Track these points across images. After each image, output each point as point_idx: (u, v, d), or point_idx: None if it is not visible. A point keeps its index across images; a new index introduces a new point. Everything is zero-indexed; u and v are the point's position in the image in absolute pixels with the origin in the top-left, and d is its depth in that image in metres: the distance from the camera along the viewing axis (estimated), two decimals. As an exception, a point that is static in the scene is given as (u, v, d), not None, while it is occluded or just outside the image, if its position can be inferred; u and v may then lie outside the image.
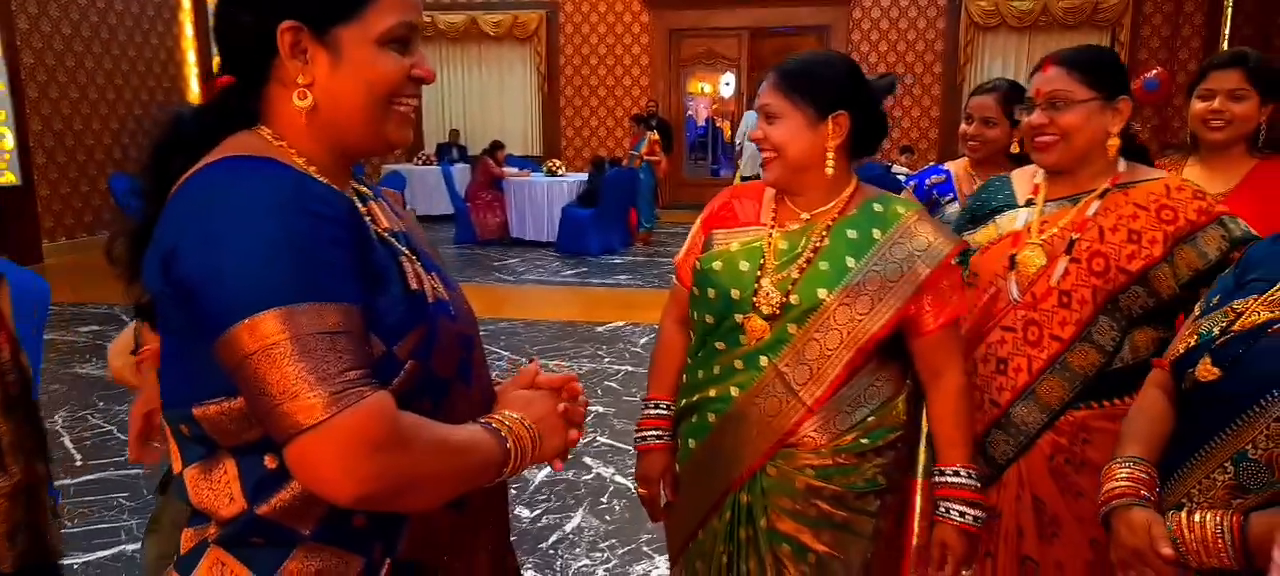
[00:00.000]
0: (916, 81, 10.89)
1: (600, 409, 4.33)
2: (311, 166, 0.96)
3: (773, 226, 1.60)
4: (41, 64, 8.19)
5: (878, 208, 1.57)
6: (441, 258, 1.13)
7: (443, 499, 0.95)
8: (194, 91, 9.33)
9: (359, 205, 1.00)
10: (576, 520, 3.19)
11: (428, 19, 11.54)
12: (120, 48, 8.82)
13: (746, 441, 1.59)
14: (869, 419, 1.56)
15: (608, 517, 3.22)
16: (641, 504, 1.80)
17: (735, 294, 1.57)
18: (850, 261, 1.53)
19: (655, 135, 9.29)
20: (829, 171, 1.54)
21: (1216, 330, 1.27)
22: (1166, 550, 1.17)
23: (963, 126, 2.60)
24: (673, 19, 11.29)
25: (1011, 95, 2.56)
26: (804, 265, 1.55)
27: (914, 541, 1.71)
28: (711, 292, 1.60)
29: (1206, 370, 1.24)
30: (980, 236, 1.77)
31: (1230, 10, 9.18)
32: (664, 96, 11.44)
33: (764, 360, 1.56)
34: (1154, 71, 9.13)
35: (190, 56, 9.39)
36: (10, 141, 7.82)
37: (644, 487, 1.76)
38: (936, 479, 1.57)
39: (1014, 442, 1.64)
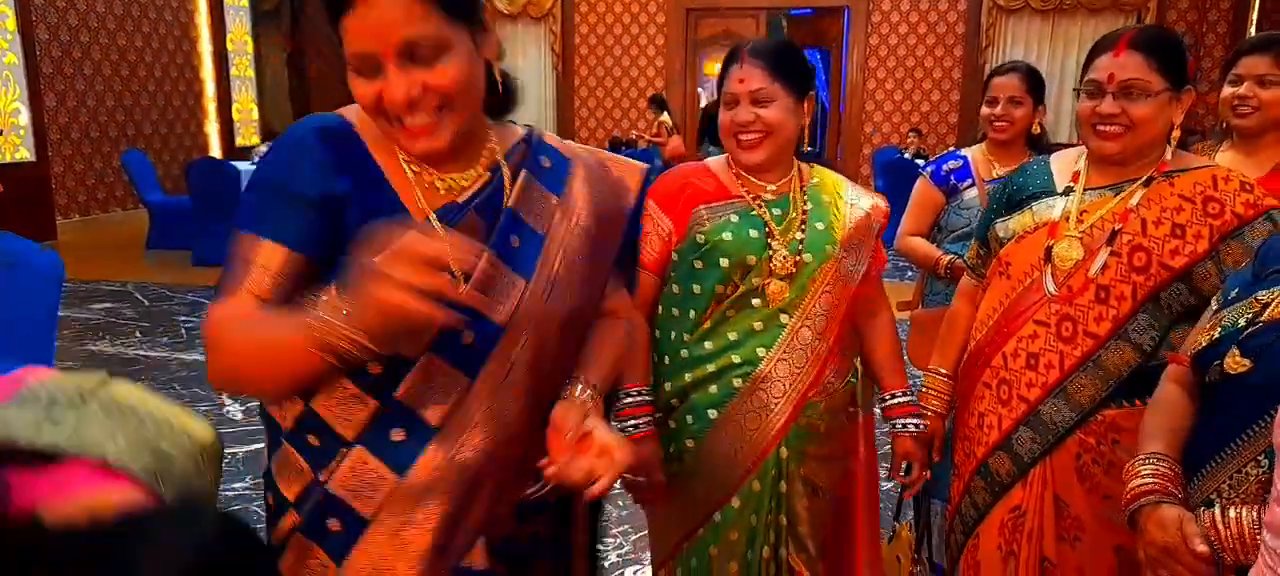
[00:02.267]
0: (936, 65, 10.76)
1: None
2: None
3: (751, 196, 1.69)
4: (56, 39, 8.18)
5: (827, 176, 1.78)
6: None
7: (277, 384, 1.03)
8: (207, 69, 9.29)
9: (427, 172, 1.10)
10: (588, 506, 3.15)
11: (443, -3, 11.46)
12: (134, 23, 8.80)
13: (778, 398, 1.66)
14: (856, 358, 1.81)
15: (620, 503, 3.17)
16: (635, 494, 1.71)
17: (751, 259, 1.64)
18: (832, 219, 1.71)
19: (666, 118, 9.21)
20: (804, 148, 1.73)
21: (1242, 321, 1.24)
22: (1201, 547, 1.13)
23: (985, 109, 2.54)
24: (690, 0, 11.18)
25: (1033, 76, 2.50)
26: (802, 226, 1.68)
27: (863, 470, 1.85)
28: (724, 262, 1.64)
29: (1235, 361, 1.20)
30: (1015, 224, 1.69)
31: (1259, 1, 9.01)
32: (680, 77, 11.34)
33: (784, 318, 1.66)
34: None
35: (204, 33, 9.35)
36: (25, 117, 7.82)
37: (643, 474, 1.66)
38: (889, 401, 1.80)
39: (1041, 441, 1.58)
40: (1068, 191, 1.64)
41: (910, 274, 6.57)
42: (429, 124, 1.03)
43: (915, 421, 1.79)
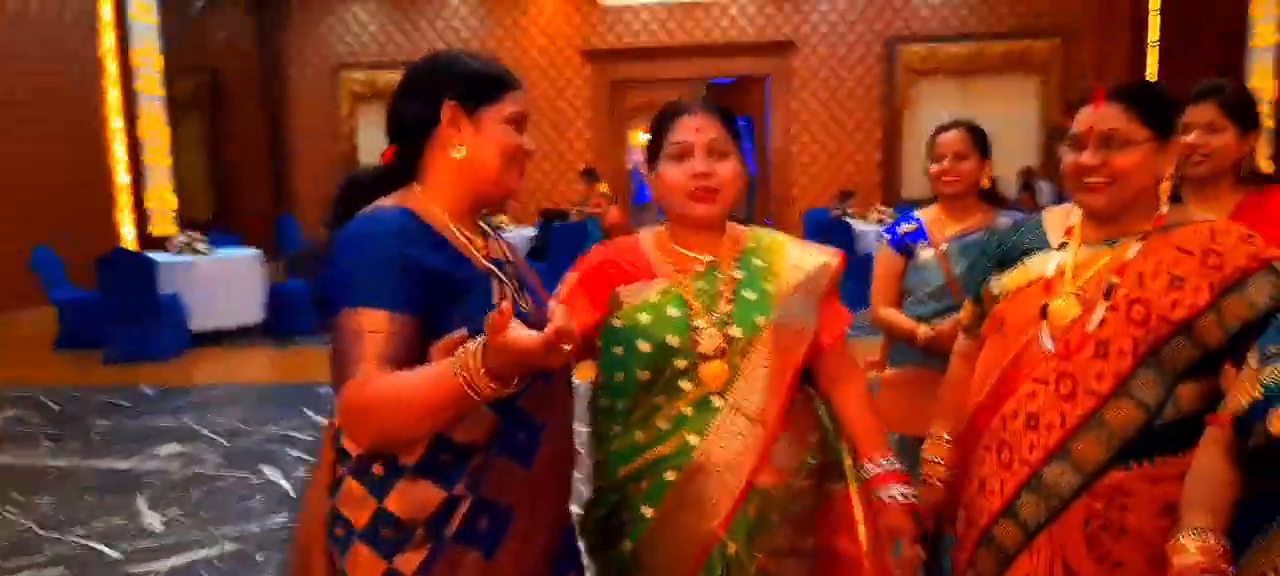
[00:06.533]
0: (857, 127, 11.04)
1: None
2: (445, 212, 1.39)
3: (676, 274, 1.60)
4: (-46, 133, 7.78)
5: (764, 237, 1.69)
6: (537, 281, 1.55)
7: (428, 429, 1.23)
8: (118, 158, 8.94)
9: (473, 239, 1.41)
10: None
11: (366, 78, 11.35)
12: (39, 114, 8.44)
13: (717, 487, 1.53)
14: (811, 437, 1.63)
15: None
16: None
17: (674, 341, 1.54)
18: (768, 288, 1.60)
19: (604, 188, 9.20)
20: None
21: None
22: None
23: (933, 166, 2.53)
24: (614, 71, 11.29)
25: (976, 132, 2.52)
26: (730, 298, 1.58)
27: (863, 549, 1.63)
28: (644, 346, 1.55)
29: None
30: (1008, 281, 1.64)
31: (1155, 57, 9.51)
32: (607, 149, 11.39)
33: (716, 400, 1.55)
34: (1085, 111, 9.33)
35: (114, 122, 9.02)
36: (-81, 215, 7.36)
37: None
38: (868, 469, 1.63)
39: (1045, 506, 1.50)
40: (1062, 247, 1.60)
41: (871, 334, 6.59)
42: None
43: (902, 490, 1.61)
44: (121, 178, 8.99)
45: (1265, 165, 6.10)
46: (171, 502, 3.95)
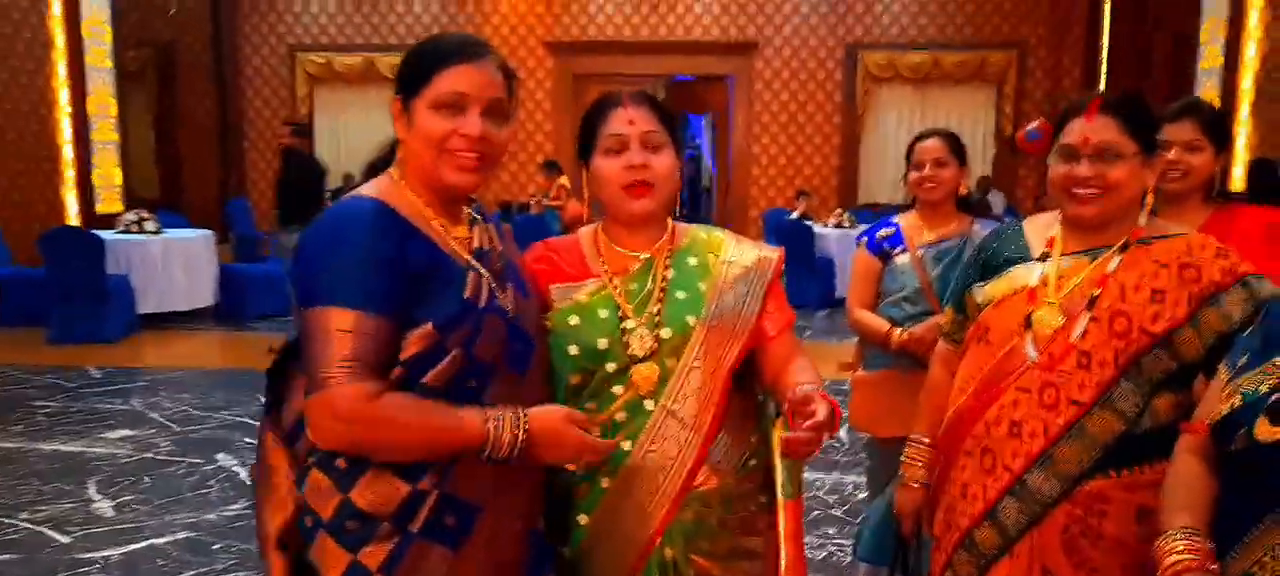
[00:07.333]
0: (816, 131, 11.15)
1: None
2: (418, 198, 1.36)
3: (610, 273, 1.57)
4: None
5: (701, 234, 1.65)
6: (524, 271, 1.53)
7: (416, 456, 1.28)
8: (65, 133, 8.64)
9: (450, 228, 1.37)
10: None
11: (323, 60, 11.13)
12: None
13: (651, 493, 1.50)
14: (753, 437, 1.59)
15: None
16: None
17: (603, 344, 1.51)
18: (702, 286, 1.57)
19: (564, 180, 9.15)
20: (677, 206, 1.65)
21: (1264, 388, 1.21)
22: None
23: (913, 174, 2.57)
24: (577, 65, 11.23)
25: (955, 140, 2.57)
26: (661, 298, 1.55)
27: (783, 562, 1.47)
28: (573, 350, 1.52)
29: (1267, 430, 1.17)
30: (992, 290, 1.66)
31: (1105, 68, 9.77)
32: (568, 142, 11.33)
33: (649, 404, 1.51)
34: (1035, 122, 9.51)
35: (62, 97, 8.72)
36: None
37: None
38: (795, 391, 1.39)
39: (1027, 512, 1.53)
40: (1044, 257, 1.63)
41: (835, 336, 6.66)
42: (474, 164, 1.35)
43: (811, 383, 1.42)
44: (67, 153, 8.70)
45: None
46: (123, 488, 3.86)
